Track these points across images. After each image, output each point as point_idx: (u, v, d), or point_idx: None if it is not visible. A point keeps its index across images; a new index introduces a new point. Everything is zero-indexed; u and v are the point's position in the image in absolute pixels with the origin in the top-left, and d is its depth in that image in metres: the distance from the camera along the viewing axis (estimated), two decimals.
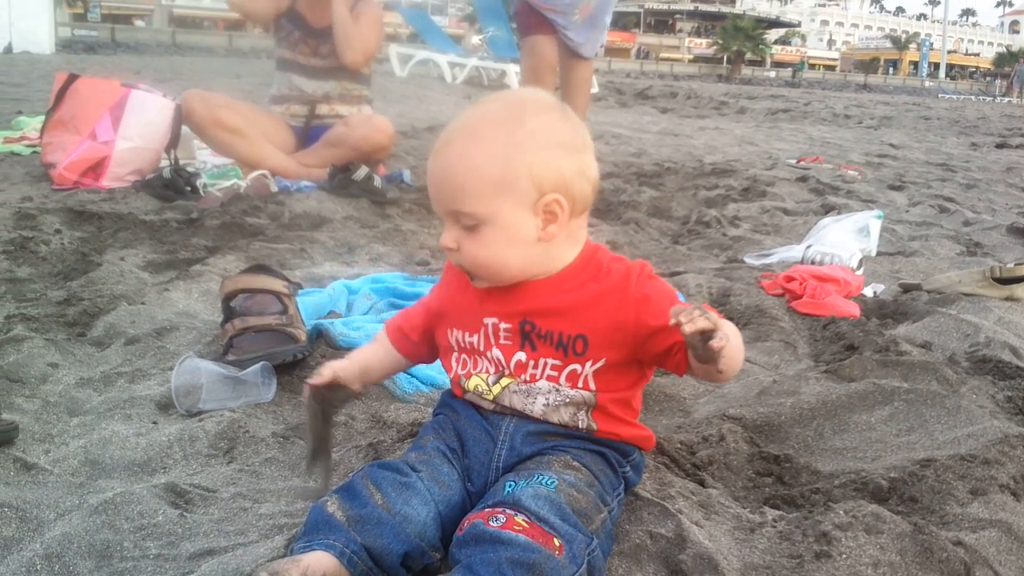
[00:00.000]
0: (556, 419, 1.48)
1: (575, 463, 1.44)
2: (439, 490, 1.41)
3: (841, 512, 1.53)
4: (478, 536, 1.24)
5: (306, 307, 2.48)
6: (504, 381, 1.50)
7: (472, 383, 1.53)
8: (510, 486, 1.36)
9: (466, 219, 1.42)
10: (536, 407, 1.48)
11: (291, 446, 1.83)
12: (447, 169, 1.43)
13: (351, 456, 1.77)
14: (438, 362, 2.23)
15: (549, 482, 1.36)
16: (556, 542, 1.25)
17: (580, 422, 1.49)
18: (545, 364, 1.47)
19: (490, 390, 1.51)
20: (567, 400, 1.48)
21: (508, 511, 1.28)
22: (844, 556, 1.43)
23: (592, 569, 1.30)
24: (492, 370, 1.51)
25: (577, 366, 1.46)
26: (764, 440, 1.97)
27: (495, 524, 1.25)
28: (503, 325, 1.50)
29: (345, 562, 1.26)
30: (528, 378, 1.48)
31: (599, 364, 1.46)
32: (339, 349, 2.25)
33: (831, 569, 1.40)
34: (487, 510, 1.30)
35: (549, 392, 1.47)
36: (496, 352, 1.50)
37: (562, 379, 1.47)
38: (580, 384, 1.47)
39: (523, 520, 1.26)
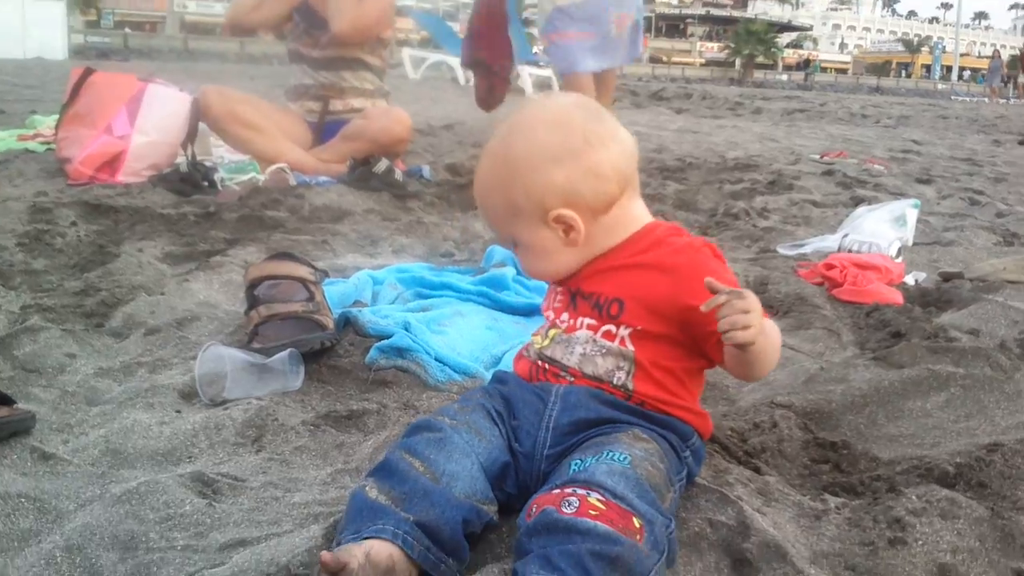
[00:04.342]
0: (591, 371, 1.45)
1: (644, 435, 1.36)
2: (478, 441, 1.35)
3: (914, 497, 1.44)
4: (551, 525, 1.15)
5: (331, 296, 2.39)
6: (552, 332, 1.53)
7: (534, 340, 1.57)
8: (577, 464, 1.28)
9: (507, 240, 1.56)
10: (573, 357, 1.48)
11: (322, 435, 1.74)
12: (477, 203, 1.58)
13: (383, 443, 1.68)
14: (469, 350, 2.17)
15: (622, 458, 1.27)
16: (636, 523, 1.16)
17: (616, 378, 1.44)
18: (583, 323, 1.49)
19: (542, 342, 1.53)
20: (604, 350, 1.45)
21: (580, 491, 1.19)
22: (920, 542, 1.34)
23: (671, 554, 1.22)
24: (547, 326, 1.55)
25: (612, 327, 1.46)
26: (816, 427, 1.88)
27: (569, 510, 1.15)
28: (559, 289, 1.56)
29: (400, 543, 1.17)
30: (568, 328, 1.50)
31: (634, 329, 1.44)
32: (368, 337, 2.16)
33: (907, 556, 1.31)
34: (556, 491, 1.21)
35: (587, 342, 1.47)
36: (550, 313, 1.56)
37: (599, 335, 1.46)
38: (617, 343, 1.45)
39: (597, 500, 1.17)
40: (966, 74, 76.66)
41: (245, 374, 1.92)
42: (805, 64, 57.68)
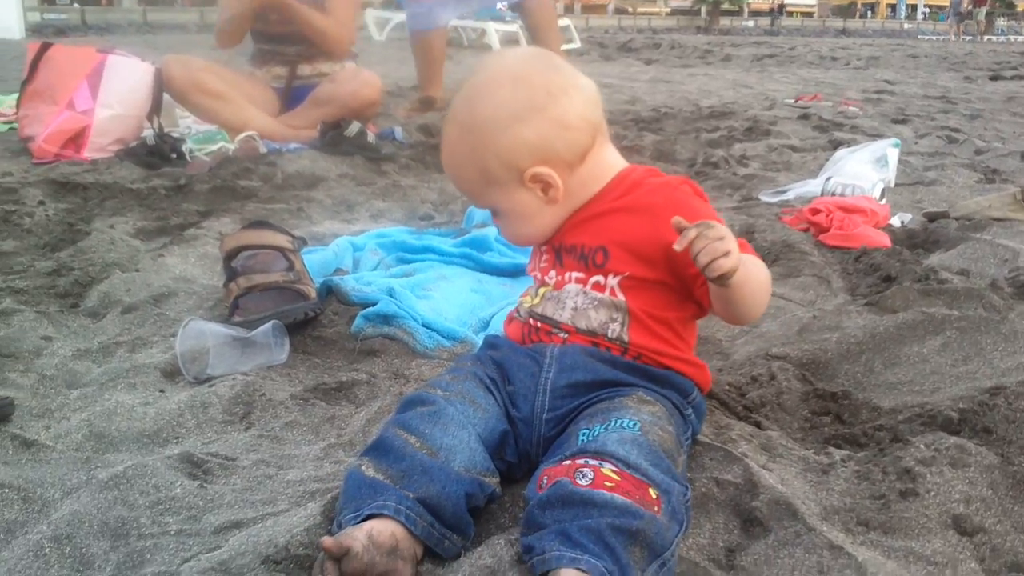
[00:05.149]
0: (584, 325, 1.42)
1: (648, 398, 1.32)
2: (473, 411, 1.32)
3: (922, 446, 1.41)
4: (565, 497, 1.11)
5: (311, 265, 2.33)
6: (541, 290, 1.49)
7: (523, 301, 1.54)
8: (585, 433, 1.24)
9: (485, 208, 1.54)
10: (566, 312, 1.44)
11: (312, 408, 1.69)
12: (448, 175, 1.56)
13: (375, 415, 1.64)
14: (456, 314, 2.12)
15: (631, 424, 1.23)
16: (652, 494, 1.13)
17: (611, 331, 1.40)
18: (571, 277, 1.46)
19: (532, 300, 1.50)
20: (596, 302, 1.42)
21: (592, 461, 1.15)
22: (932, 493, 1.31)
23: (687, 521, 1.19)
24: (536, 285, 1.53)
25: (600, 277, 1.43)
26: (814, 378, 1.84)
27: (583, 482, 1.12)
28: (543, 247, 1.53)
29: (403, 520, 1.13)
30: (556, 283, 1.47)
31: (622, 276, 1.41)
32: (352, 305, 2.11)
33: (920, 508, 1.28)
34: (567, 462, 1.17)
35: (577, 295, 1.44)
36: (537, 272, 1.53)
37: (588, 287, 1.43)
38: (607, 293, 1.42)
39: (611, 471, 1.14)
40: (925, 11, 76.49)
41: (228, 349, 1.87)
42: (780, 9, 57.03)
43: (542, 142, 1.39)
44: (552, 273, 1.48)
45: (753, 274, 1.34)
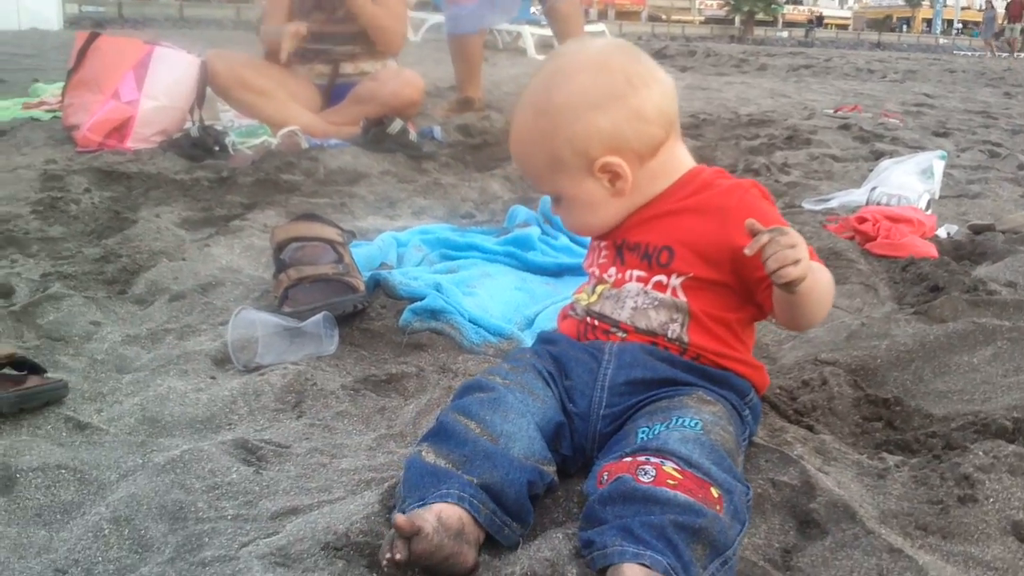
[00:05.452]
0: (644, 324, 1.40)
1: (709, 398, 1.32)
2: (532, 401, 1.31)
3: (980, 453, 1.40)
4: (627, 494, 1.10)
5: (356, 259, 2.33)
6: (599, 288, 1.47)
7: (579, 298, 1.51)
8: (645, 431, 1.23)
9: (549, 195, 1.54)
10: (624, 312, 1.42)
11: (362, 399, 1.70)
12: (514, 158, 1.53)
13: (425, 407, 1.65)
14: (500, 311, 2.12)
15: (693, 423, 1.23)
16: (715, 493, 1.12)
17: (671, 331, 1.39)
18: (632, 275, 1.44)
19: (589, 298, 1.47)
20: (656, 302, 1.41)
21: (654, 459, 1.15)
22: (991, 500, 1.30)
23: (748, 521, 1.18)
24: (593, 283, 1.50)
25: (662, 277, 1.41)
26: (865, 384, 1.83)
27: (646, 479, 1.11)
28: (603, 243, 1.51)
29: (467, 507, 1.13)
30: (616, 281, 1.45)
31: (685, 277, 1.39)
32: (400, 299, 2.11)
33: (979, 514, 1.27)
34: (628, 459, 1.17)
35: (638, 295, 1.42)
36: (595, 269, 1.51)
37: (649, 286, 1.41)
38: (669, 293, 1.40)
39: (673, 469, 1.13)
40: (959, 27, 75.63)
41: (277, 339, 1.88)
42: (819, 21, 56.45)
43: (616, 132, 1.38)
44: (612, 270, 1.47)
45: (820, 282, 1.33)
